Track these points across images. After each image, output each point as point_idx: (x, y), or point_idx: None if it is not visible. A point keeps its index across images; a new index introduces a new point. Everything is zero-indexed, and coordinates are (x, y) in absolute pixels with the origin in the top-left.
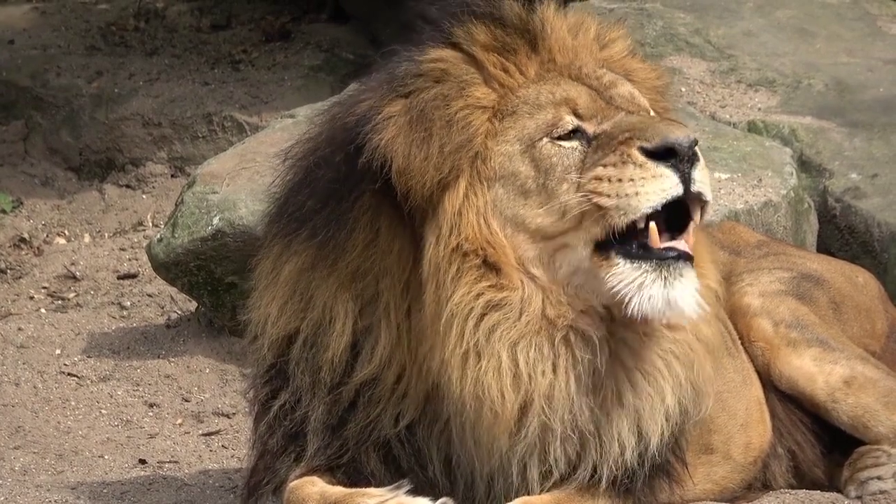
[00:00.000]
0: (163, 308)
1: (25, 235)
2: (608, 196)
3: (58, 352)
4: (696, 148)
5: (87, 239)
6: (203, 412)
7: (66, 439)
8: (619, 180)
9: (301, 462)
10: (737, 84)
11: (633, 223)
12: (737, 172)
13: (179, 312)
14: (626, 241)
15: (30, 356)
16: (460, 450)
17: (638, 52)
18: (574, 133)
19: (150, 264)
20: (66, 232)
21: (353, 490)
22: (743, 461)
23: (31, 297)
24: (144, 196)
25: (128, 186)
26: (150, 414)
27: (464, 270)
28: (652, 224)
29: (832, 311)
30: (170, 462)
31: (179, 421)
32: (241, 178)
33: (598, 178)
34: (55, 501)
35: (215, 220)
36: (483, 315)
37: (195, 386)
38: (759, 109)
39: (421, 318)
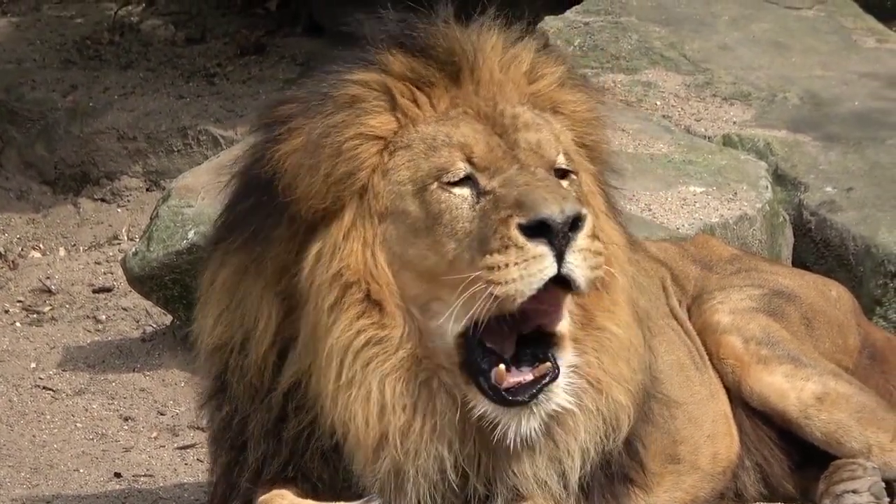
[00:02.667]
0: (138, 322)
1: (0, 249)
2: (499, 284)
3: (33, 365)
4: (583, 219)
5: (62, 253)
6: (178, 426)
7: (42, 453)
8: (507, 266)
9: (259, 475)
10: (712, 98)
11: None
12: (712, 186)
13: (155, 326)
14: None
15: (5, 370)
16: None
17: (574, 81)
18: (465, 181)
19: (125, 278)
20: (42, 245)
21: None
22: (711, 471)
23: (6, 311)
24: (119, 210)
25: (103, 200)
26: (126, 427)
27: (345, 303)
28: (500, 367)
29: (804, 326)
30: (145, 476)
31: (155, 434)
32: (217, 192)
33: (489, 268)
34: None
35: (190, 234)
36: (361, 350)
37: (170, 399)
38: (735, 123)
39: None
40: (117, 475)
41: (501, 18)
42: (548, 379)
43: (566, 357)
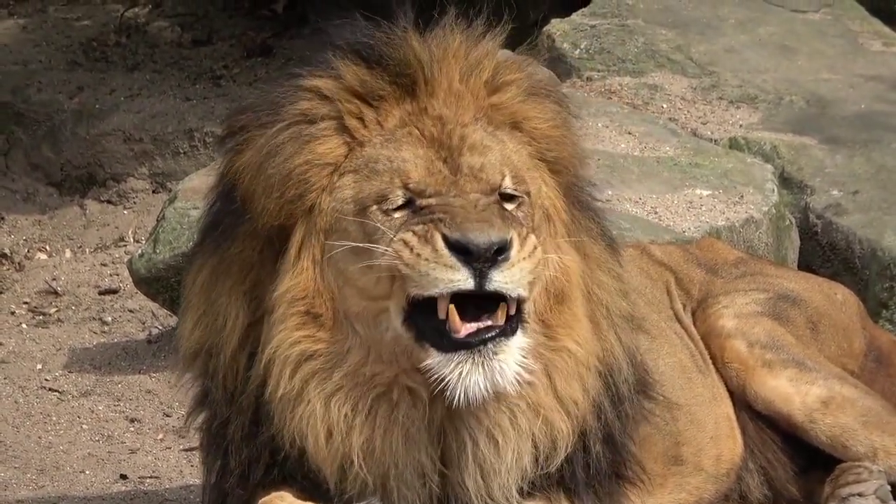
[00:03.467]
0: (144, 323)
1: (6, 251)
2: (406, 265)
3: (39, 367)
4: (512, 251)
5: (68, 254)
6: (184, 427)
7: (48, 454)
8: (418, 255)
9: (247, 480)
10: (718, 101)
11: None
12: (718, 189)
13: (161, 328)
14: (432, 318)
15: (11, 371)
16: None
17: (539, 90)
18: (405, 206)
19: (131, 280)
20: (48, 247)
21: None
22: (715, 472)
23: (13, 313)
24: (126, 211)
25: (109, 202)
26: (132, 429)
27: (287, 315)
28: (451, 307)
29: (809, 330)
30: (151, 477)
31: (161, 436)
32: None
33: (405, 243)
34: None
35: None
36: (299, 363)
37: (176, 401)
38: (741, 126)
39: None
40: (123, 477)
41: (465, 18)
42: (497, 332)
43: (524, 335)
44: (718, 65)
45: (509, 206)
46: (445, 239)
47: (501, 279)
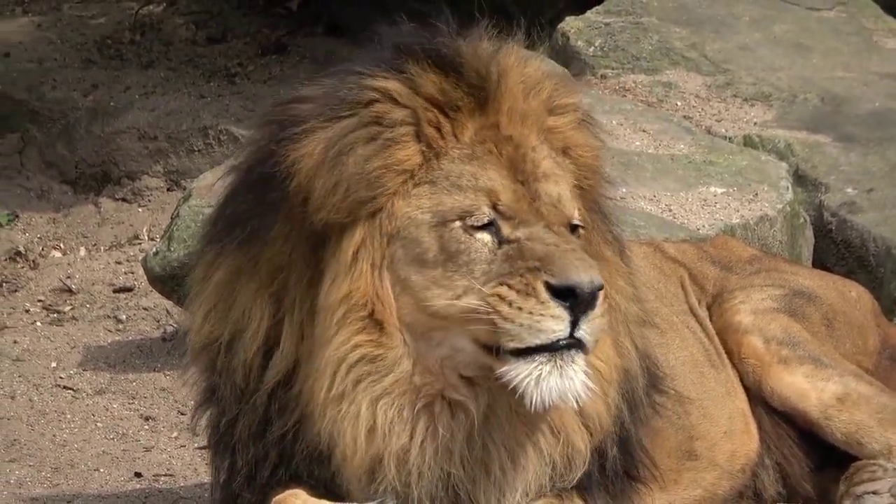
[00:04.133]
0: (158, 321)
1: (21, 249)
2: (505, 318)
3: (53, 365)
4: (599, 293)
5: (82, 252)
6: (191, 423)
7: (62, 452)
8: (520, 308)
9: (253, 480)
10: (733, 98)
11: None
12: (732, 187)
13: (175, 326)
14: None
15: (25, 369)
16: None
17: (587, 121)
18: (488, 226)
19: (145, 278)
20: (62, 245)
21: None
22: (730, 468)
23: (27, 311)
24: (140, 209)
25: (123, 200)
26: (146, 427)
27: (349, 318)
28: None
29: (825, 327)
30: (165, 475)
31: (175, 434)
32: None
33: (501, 297)
34: None
35: None
36: (354, 365)
37: (191, 399)
38: (755, 124)
39: (312, 339)
40: (138, 475)
41: (512, 29)
42: (571, 342)
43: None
44: (733, 62)
45: (573, 238)
46: (549, 286)
47: (587, 329)
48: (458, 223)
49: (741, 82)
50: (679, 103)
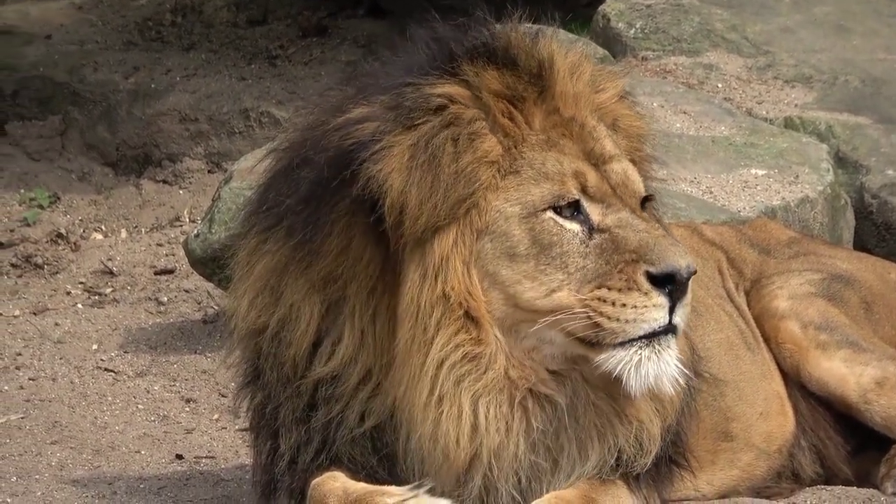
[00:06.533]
0: (199, 303)
1: (62, 231)
2: (608, 318)
3: (94, 347)
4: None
5: (123, 234)
6: (234, 406)
7: (103, 434)
8: (623, 305)
9: (295, 464)
10: (773, 80)
11: None
12: (773, 169)
13: (216, 308)
14: None
15: (66, 351)
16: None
17: (627, 97)
18: (577, 214)
19: (186, 260)
20: (103, 227)
21: (375, 488)
22: (766, 449)
23: (68, 293)
24: (181, 191)
25: (164, 182)
26: (187, 409)
27: (448, 319)
28: None
29: (863, 311)
30: (206, 457)
31: (216, 416)
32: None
33: (602, 299)
34: (92, 496)
35: None
36: (456, 365)
37: (232, 381)
38: (796, 106)
39: (392, 341)
40: (179, 457)
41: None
42: (666, 328)
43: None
44: (774, 44)
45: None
46: (649, 275)
47: (682, 314)
48: (549, 212)
49: (782, 64)
50: (720, 85)
